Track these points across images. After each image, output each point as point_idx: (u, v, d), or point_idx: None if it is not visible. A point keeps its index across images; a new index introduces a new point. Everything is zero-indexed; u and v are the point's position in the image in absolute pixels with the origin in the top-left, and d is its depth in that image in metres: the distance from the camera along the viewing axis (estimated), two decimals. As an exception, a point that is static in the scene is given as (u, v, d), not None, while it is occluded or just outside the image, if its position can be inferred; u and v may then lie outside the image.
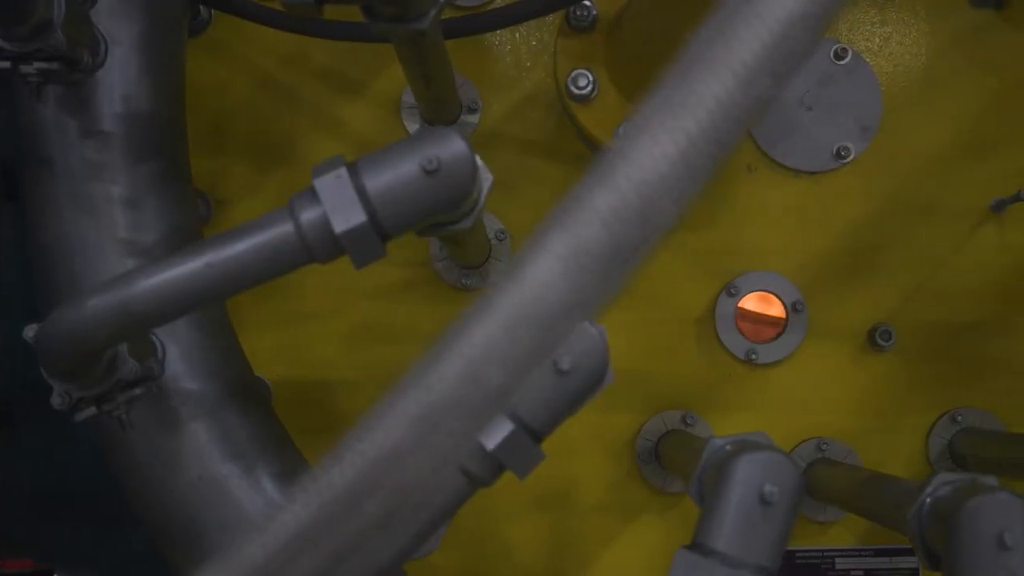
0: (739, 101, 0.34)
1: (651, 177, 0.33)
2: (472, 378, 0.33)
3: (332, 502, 0.32)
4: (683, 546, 0.77)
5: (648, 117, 0.34)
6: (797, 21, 0.34)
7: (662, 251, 1.25)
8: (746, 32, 0.34)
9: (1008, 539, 0.73)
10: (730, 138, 0.35)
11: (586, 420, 1.23)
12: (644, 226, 0.34)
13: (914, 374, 1.24)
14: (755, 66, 0.34)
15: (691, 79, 0.34)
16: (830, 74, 1.25)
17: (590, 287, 0.33)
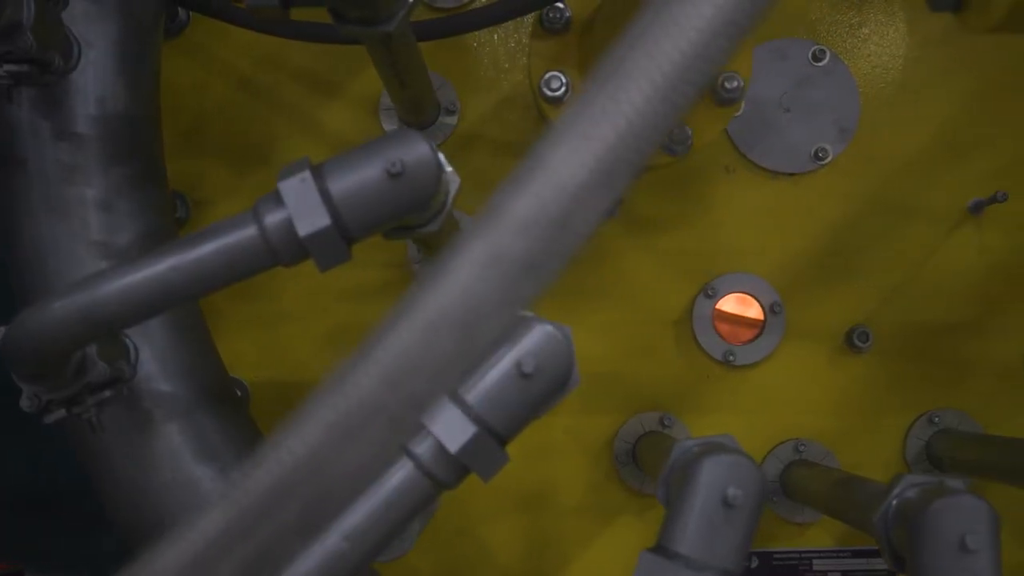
0: (658, 109, 0.34)
1: (569, 184, 0.33)
2: (390, 385, 0.33)
3: (249, 509, 0.32)
4: (647, 548, 0.78)
5: (568, 125, 0.34)
6: (717, 30, 0.34)
7: (640, 253, 1.25)
8: (665, 41, 0.34)
9: (970, 542, 0.73)
10: (649, 146, 0.35)
11: (564, 422, 1.24)
12: (563, 233, 0.34)
13: (892, 375, 1.24)
14: (674, 75, 0.34)
15: (611, 87, 0.34)
16: (808, 76, 1.25)
17: (508, 293, 0.33)
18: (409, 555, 1.24)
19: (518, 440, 1.26)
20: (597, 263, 1.25)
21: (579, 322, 1.25)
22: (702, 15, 0.34)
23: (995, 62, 1.25)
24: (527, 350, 0.75)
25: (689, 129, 1.01)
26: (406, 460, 0.76)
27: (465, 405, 0.75)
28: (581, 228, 0.34)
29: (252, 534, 0.32)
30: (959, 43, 1.25)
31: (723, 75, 1.01)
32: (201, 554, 0.32)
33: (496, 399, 0.75)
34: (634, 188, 1.23)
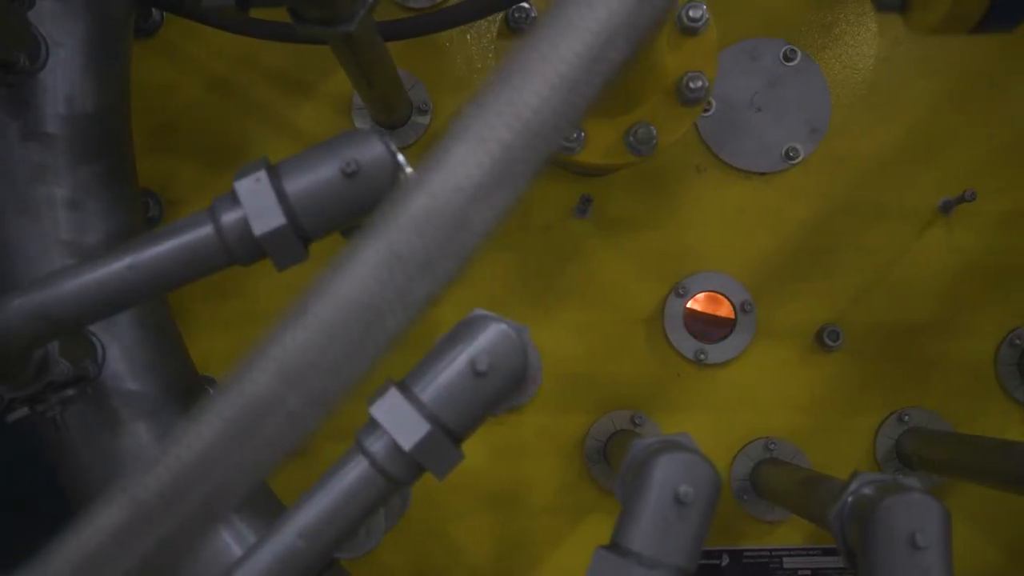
0: (555, 109, 0.35)
1: (465, 184, 0.34)
2: (288, 382, 0.33)
3: (146, 504, 0.32)
4: (601, 546, 0.78)
5: (464, 126, 0.35)
6: (613, 31, 0.35)
7: (611, 252, 1.25)
8: (563, 43, 0.35)
9: (920, 539, 0.74)
10: (546, 146, 0.35)
11: (536, 421, 1.24)
12: (459, 232, 0.34)
13: (862, 374, 1.25)
14: (570, 76, 0.35)
15: (507, 89, 0.35)
16: (779, 75, 1.25)
17: (405, 290, 0.33)
18: (381, 553, 1.25)
19: (490, 439, 1.28)
20: (568, 263, 1.25)
21: (551, 321, 1.25)
22: (597, 17, 0.35)
23: (964, 62, 1.25)
24: (481, 348, 0.76)
25: (654, 129, 1.02)
26: (361, 458, 0.76)
27: (419, 403, 0.75)
28: (479, 227, 0.35)
29: (150, 529, 0.32)
30: (929, 43, 1.25)
31: (687, 75, 1.01)
32: (98, 549, 0.32)
33: (450, 397, 0.75)
34: (605, 188, 1.24)
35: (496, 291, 1.25)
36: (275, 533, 0.77)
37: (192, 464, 0.33)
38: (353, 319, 0.33)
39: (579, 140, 1.02)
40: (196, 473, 0.33)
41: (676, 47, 1.03)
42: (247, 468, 0.33)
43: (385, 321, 0.34)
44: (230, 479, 0.33)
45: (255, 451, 0.33)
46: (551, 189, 1.25)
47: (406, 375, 0.78)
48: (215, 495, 0.33)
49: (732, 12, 1.25)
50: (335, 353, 0.33)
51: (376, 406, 0.76)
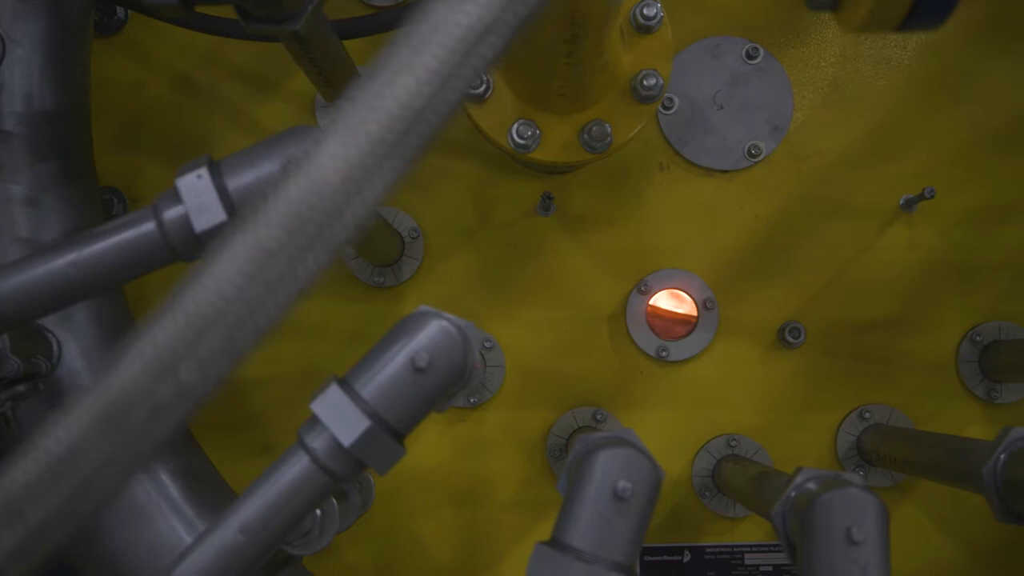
0: (424, 105, 0.35)
1: (333, 178, 0.34)
2: (155, 376, 0.33)
3: (11, 499, 0.33)
4: (541, 541, 0.78)
5: (334, 120, 0.35)
6: (483, 28, 0.35)
7: (574, 249, 1.26)
8: (434, 38, 0.35)
9: (856, 534, 0.74)
10: (418, 139, 0.35)
11: (498, 417, 1.25)
12: (327, 226, 0.34)
13: (824, 371, 1.25)
14: (440, 70, 0.35)
15: (377, 84, 0.35)
16: (742, 74, 1.26)
17: (273, 285, 0.34)
18: (344, 551, 1.26)
19: (452, 436, 1.28)
20: (531, 260, 1.25)
21: (513, 318, 1.26)
22: (468, 13, 0.35)
23: (926, 61, 1.25)
24: (421, 345, 0.76)
25: (608, 126, 1.02)
26: (302, 454, 0.77)
27: (359, 399, 0.76)
28: (349, 220, 0.35)
29: (15, 523, 0.33)
30: (890, 42, 1.26)
31: (642, 73, 1.02)
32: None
33: (390, 393, 0.76)
34: (568, 185, 1.25)
35: (459, 288, 1.25)
36: (216, 528, 0.77)
37: (59, 457, 0.33)
38: (221, 312, 0.34)
39: (534, 138, 1.03)
40: (63, 466, 0.33)
41: (631, 45, 1.03)
42: (115, 461, 0.34)
43: (254, 314, 0.34)
44: (98, 472, 0.34)
45: (123, 444, 0.33)
46: (514, 187, 1.25)
47: (348, 371, 0.79)
48: (83, 488, 0.33)
49: (694, 10, 1.26)
50: (203, 346, 0.34)
51: (317, 402, 0.76)
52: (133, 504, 1.04)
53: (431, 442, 1.25)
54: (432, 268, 1.26)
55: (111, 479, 0.34)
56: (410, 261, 1.25)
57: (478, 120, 1.04)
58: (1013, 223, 1.25)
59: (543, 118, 1.03)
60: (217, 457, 1.22)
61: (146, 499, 1.05)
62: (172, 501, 1.05)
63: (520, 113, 1.03)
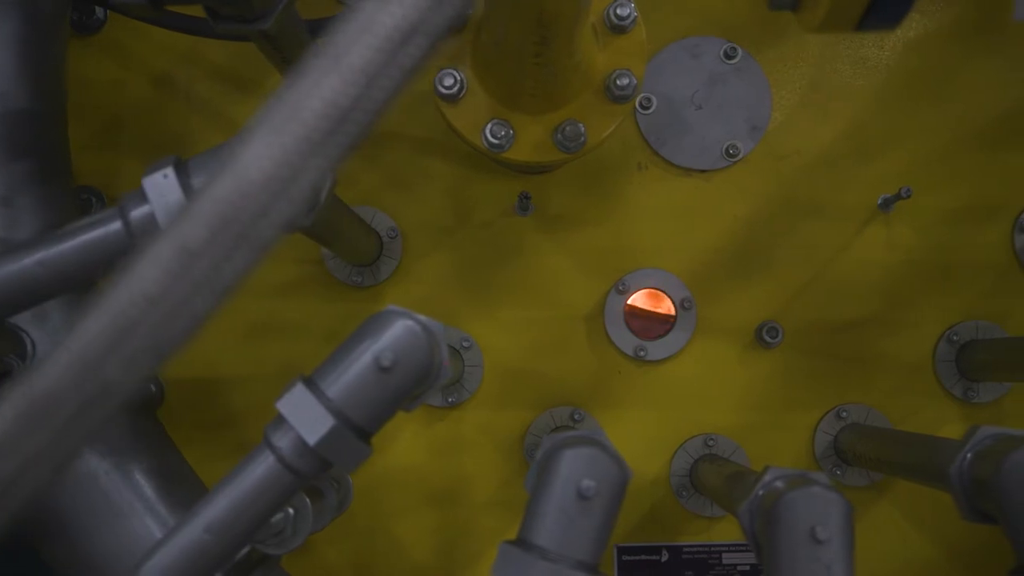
0: (349, 105, 0.35)
1: (256, 177, 0.34)
2: (80, 373, 0.33)
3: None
4: (506, 540, 0.79)
5: (260, 120, 0.35)
6: (408, 29, 0.35)
7: (552, 249, 1.26)
8: (358, 38, 0.35)
9: (819, 533, 0.75)
10: (341, 141, 0.35)
11: (476, 417, 1.25)
12: (253, 225, 0.34)
13: (801, 371, 1.25)
14: (366, 71, 0.35)
15: (304, 84, 0.35)
16: (720, 73, 1.26)
17: (196, 285, 0.34)
18: (322, 551, 1.26)
19: (430, 436, 1.28)
20: (509, 260, 1.26)
21: (492, 318, 1.26)
22: (393, 13, 0.35)
23: (903, 61, 1.26)
24: (386, 344, 0.76)
25: (582, 126, 1.02)
26: (268, 453, 0.77)
27: (325, 398, 0.76)
28: (276, 219, 0.35)
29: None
30: (868, 41, 1.26)
31: (615, 72, 1.02)
32: None
33: (355, 393, 0.76)
34: (547, 185, 1.25)
35: (437, 288, 1.25)
36: (182, 528, 0.78)
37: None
38: (145, 311, 0.34)
39: (508, 138, 1.03)
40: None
41: (605, 45, 1.03)
42: (42, 456, 0.34)
43: (179, 313, 0.34)
44: (24, 467, 0.34)
45: (49, 440, 0.34)
46: (492, 187, 1.25)
47: (314, 371, 0.79)
48: (10, 483, 0.34)
49: (673, 10, 1.26)
50: (127, 345, 0.34)
51: (282, 401, 0.76)
52: (108, 503, 1.04)
53: (409, 442, 1.25)
54: (410, 268, 1.26)
55: (38, 474, 0.34)
56: (388, 261, 1.25)
57: (452, 120, 1.04)
58: (990, 222, 1.25)
59: (517, 118, 1.03)
60: (196, 456, 1.22)
61: (120, 498, 1.04)
62: (146, 500, 1.05)
63: (494, 113, 1.03)
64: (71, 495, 1.03)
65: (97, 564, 1.05)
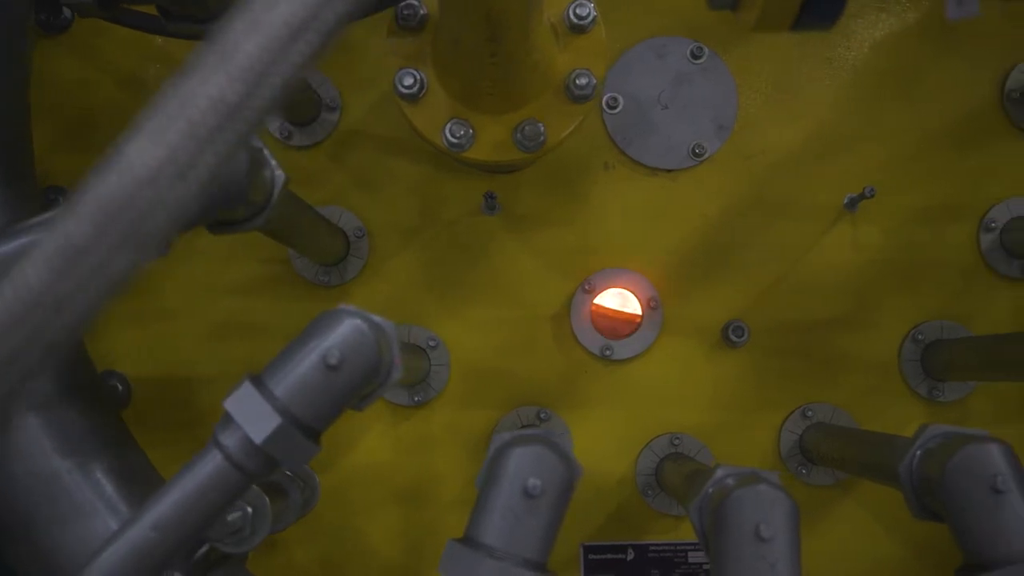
0: (237, 102, 0.35)
1: (143, 174, 0.35)
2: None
3: None
4: (453, 538, 0.79)
5: (146, 116, 0.35)
6: (298, 26, 0.35)
7: (519, 248, 1.26)
8: (244, 38, 0.35)
9: (763, 530, 0.75)
10: (229, 137, 0.36)
11: (443, 416, 1.25)
12: (140, 221, 0.35)
13: (767, 370, 1.25)
14: (252, 68, 0.35)
15: (190, 82, 0.35)
16: (686, 73, 1.26)
17: (81, 279, 0.34)
18: (290, 549, 1.26)
19: (397, 434, 1.28)
20: (476, 259, 1.26)
21: (459, 317, 1.26)
22: (280, 13, 0.35)
23: (869, 61, 1.26)
24: (332, 343, 0.77)
25: (542, 125, 1.03)
26: (216, 452, 0.77)
27: (272, 397, 0.76)
28: (163, 215, 0.35)
29: None
30: (834, 41, 1.26)
31: (574, 72, 1.02)
32: None
33: (302, 391, 0.76)
34: (514, 185, 1.25)
35: (404, 287, 1.26)
36: (130, 526, 0.78)
37: None
38: (29, 309, 0.34)
39: (467, 137, 1.03)
40: None
41: (565, 45, 1.04)
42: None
43: (63, 310, 0.34)
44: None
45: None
46: (459, 186, 1.26)
47: (263, 369, 0.79)
48: None
49: (640, 9, 1.26)
50: (6, 343, 0.34)
51: (230, 400, 0.77)
52: (69, 503, 1.04)
53: (376, 441, 1.26)
54: (377, 267, 1.26)
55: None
56: (355, 260, 1.25)
57: (412, 119, 1.04)
58: (957, 222, 1.25)
59: (477, 118, 1.04)
60: (163, 456, 1.21)
61: (82, 498, 1.04)
62: (107, 499, 1.05)
63: (454, 112, 1.03)
64: (33, 495, 1.03)
65: (59, 563, 1.05)
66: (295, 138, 1.25)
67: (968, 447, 0.77)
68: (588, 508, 1.25)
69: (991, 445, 0.77)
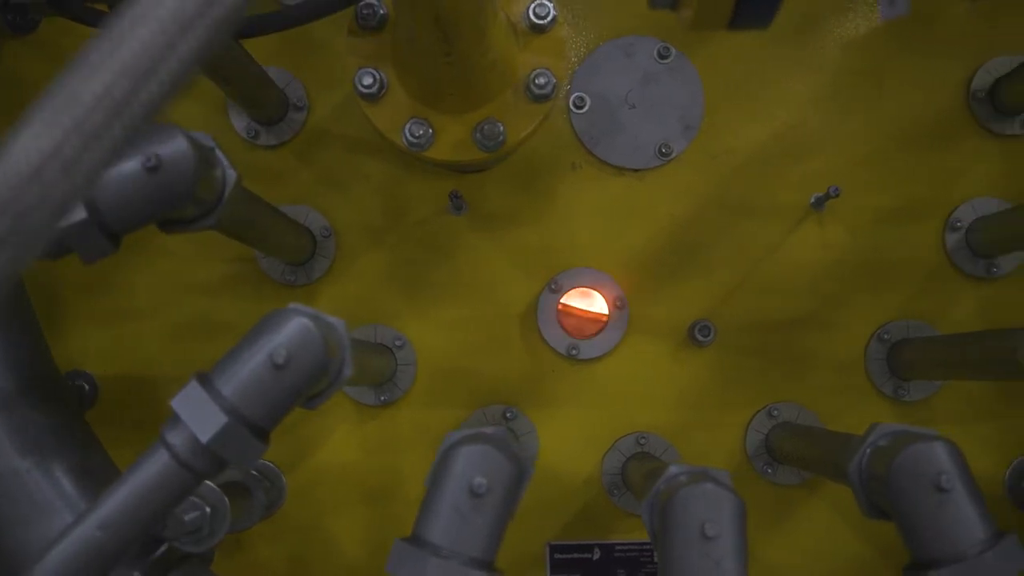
0: (123, 97, 0.35)
1: (24, 170, 0.35)
2: None
3: None
4: (401, 537, 0.79)
5: (31, 112, 0.36)
6: (184, 21, 0.36)
7: (486, 248, 1.26)
8: (131, 32, 0.35)
9: (709, 529, 0.75)
10: (117, 134, 0.36)
11: (409, 415, 1.25)
12: (23, 217, 0.35)
13: (734, 369, 1.25)
14: (139, 63, 0.35)
15: (75, 77, 0.35)
16: (653, 73, 1.26)
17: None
18: (257, 548, 1.26)
19: (364, 433, 1.28)
20: (444, 258, 1.26)
21: (425, 317, 1.26)
22: (167, 7, 0.35)
23: (836, 61, 1.26)
24: (280, 342, 0.77)
25: (501, 125, 1.03)
26: (163, 451, 0.77)
27: (219, 396, 0.76)
28: (47, 213, 0.35)
29: None
30: (801, 42, 1.26)
31: (534, 72, 1.02)
32: None
33: (249, 390, 0.76)
34: (481, 184, 1.25)
35: (371, 287, 1.26)
36: (77, 525, 0.78)
37: None
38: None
39: (426, 136, 1.03)
40: None
41: (525, 45, 1.04)
42: None
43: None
44: None
45: None
46: (426, 186, 1.26)
47: (212, 368, 0.79)
48: None
49: (607, 9, 1.26)
50: None
51: (177, 399, 0.76)
52: (29, 501, 1.04)
53: (343, 440, 1.26)
54: (344, 267, 1.26)
55: None
56: (322, 260, 1.25)
57: (372, 118, 1.04)
58: (922, 222, 1.26)
59: (437, 117, 1.04)
60: (131, 456, 1.21)
61: (42, 496, 1.04)
62: (67, 498, 1.05)
63: (413, 112, 1.03)
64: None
65: (19, 562, 1.05)
66: (262, 137, 1.25)
67: (913, 446, 0.77)
68: (554, 507, 1.25)
69: (936, 444, 0.77)
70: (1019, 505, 1.24)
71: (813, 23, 1.27)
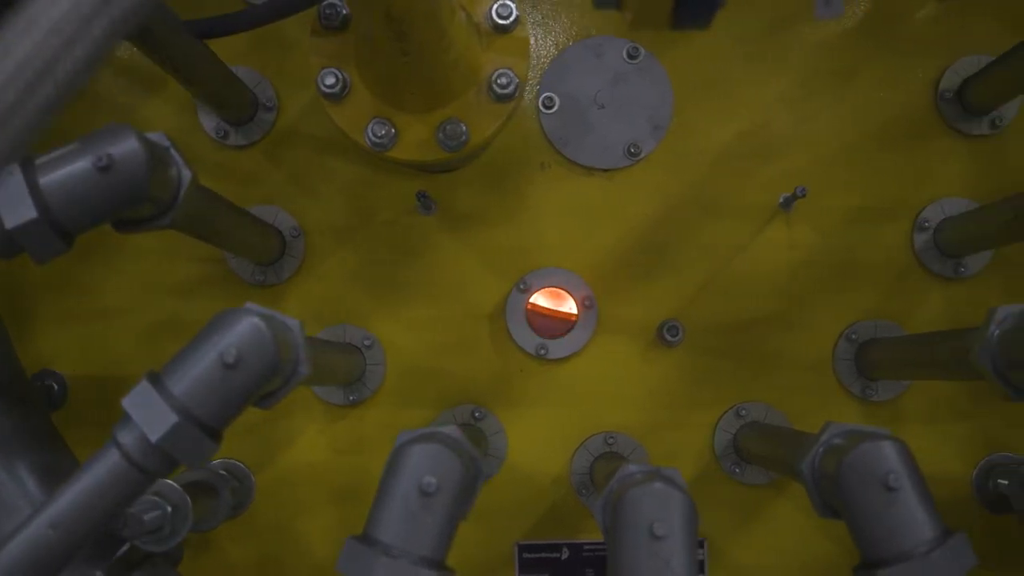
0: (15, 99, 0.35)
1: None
2: None
3: None
4: (352, 536, 0.79)
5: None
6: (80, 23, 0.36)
7: (455, 248, 1.26)
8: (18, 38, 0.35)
9: (657, 528, 0.75)
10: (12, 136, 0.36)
11: (378, 415, 1.25)
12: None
13: (702, 369, 1.26)
14: (31, 64, 0.35)
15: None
16: (623, 73, 1.27)
17: None
18: (226, 549, 1.26)
19: (332, 433, 1.29)
20: (413, 258, 1.26)
21: (395, 317, 1.26)
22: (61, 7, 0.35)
23: (805, 62, 1.26)
24: (230, 341, 0.77)
25: (463, 125, 1.03)
26: (113, 449, 0.77)
27: (170, 395, 0.76)
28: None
29: None
30: (771, 43, 1.27)
31: (496, 72, 1.02)
32: None
33: (200, 389, 0.76)
34: (451, 184, 1.25)
35: (340, 287, 1.26)
36: (28, 524, 0.78)
37: None
38: None
39: (389, 136, 1.03)
40: None
41: (488, 45, 1.04)
42: None
43: None
44: None
45: None
46: (395, 186, 1.26)
47: (163, 367, 0.79)
48: None
49: (577, 9, 1.27)
50: None
51: (127, 398, 0.77)
52: (-7, 501, 1.04)
53: (311, 440, 1.26)
54: (314, 267, 1.26)
55: None
56: (291, 260, 1.25)
57: (335, 118, 1.04)
58: (891, 222, 1.26)
59: (400, 117, 1.04)
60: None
61: (6, 494, 1.05)
62: (30, 496, 1.05)
63: (376, 112, 1.04)
64: (-46, 493, 1.03)
65: (-17, 561, 1.05)
66: (231, 137, 1.25)
67: (863, 445, 0.77)
68: (523, 507, 1.25)
69: (885, 443, 0.77)
70: (986, 505, 1.24)
71: (782, 23, 1.27)
